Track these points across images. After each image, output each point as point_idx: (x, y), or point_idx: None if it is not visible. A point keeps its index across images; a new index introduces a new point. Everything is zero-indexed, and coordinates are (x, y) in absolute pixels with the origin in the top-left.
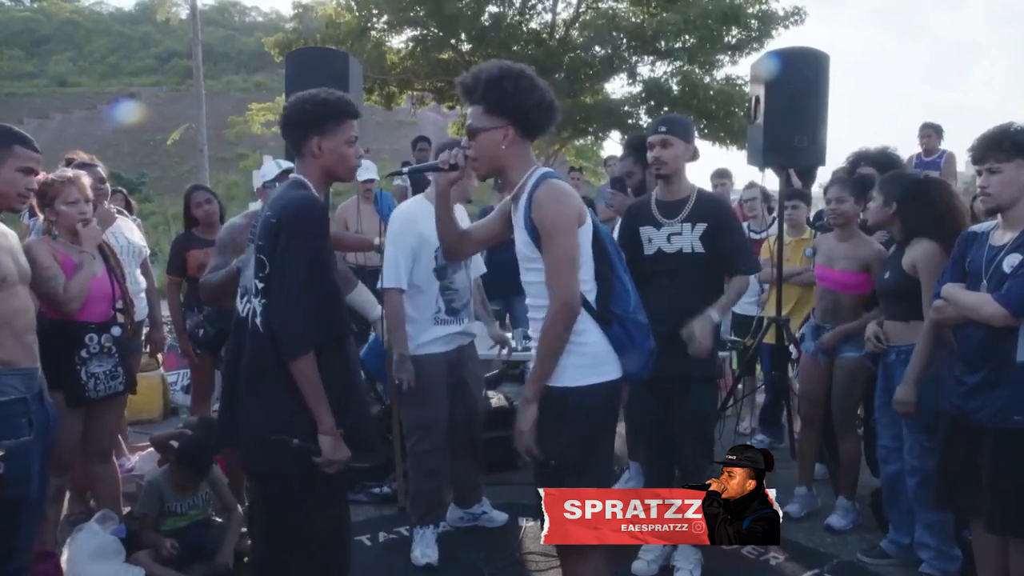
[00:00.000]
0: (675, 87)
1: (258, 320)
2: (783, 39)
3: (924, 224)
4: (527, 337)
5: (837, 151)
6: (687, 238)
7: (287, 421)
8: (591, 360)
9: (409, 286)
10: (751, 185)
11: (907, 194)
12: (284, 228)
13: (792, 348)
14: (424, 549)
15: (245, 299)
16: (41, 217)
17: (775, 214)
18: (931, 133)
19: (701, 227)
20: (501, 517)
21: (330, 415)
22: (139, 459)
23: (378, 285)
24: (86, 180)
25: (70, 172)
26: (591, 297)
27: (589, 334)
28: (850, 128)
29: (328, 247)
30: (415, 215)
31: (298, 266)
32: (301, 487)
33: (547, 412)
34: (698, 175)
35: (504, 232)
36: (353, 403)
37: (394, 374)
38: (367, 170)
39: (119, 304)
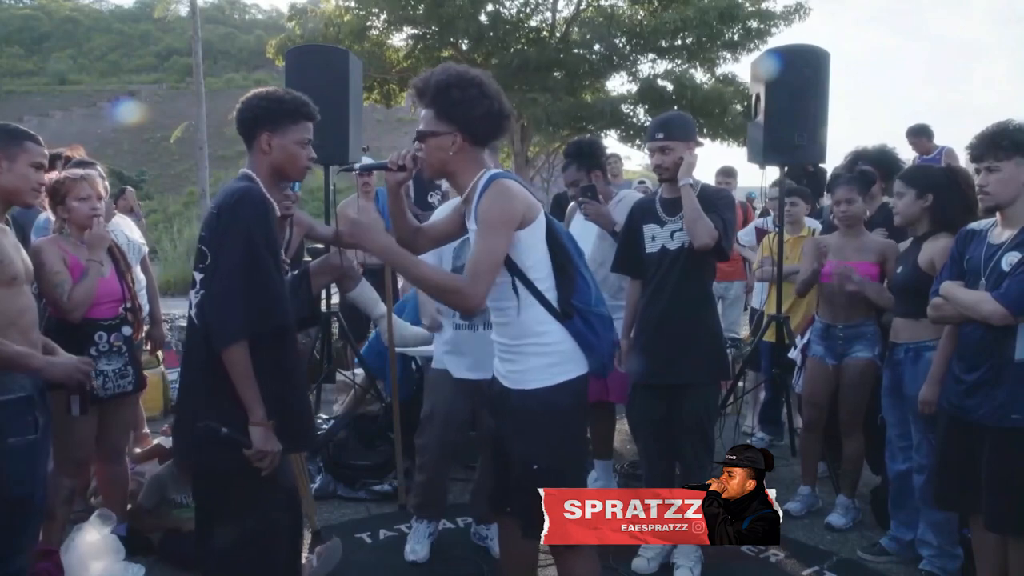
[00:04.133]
0: (669, 86)
1: (193, 312)
2: (785, 36)
3: (955, 215)
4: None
5: (838, 150)
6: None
7: (219, 412)
8: (555, 359)
9: None
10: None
11: (941, 185)
12: (222, 218)
13: (797, 353)
14: (414, 545)
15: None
16: (43, 216)
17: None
18: (917, 140)
19: None
20: None
21: (261, 406)
22: None
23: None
24: (96, 177)
25: (80, 171)
26: (551, 296)
27: (551, 334)
28: (851, 127)
29: (269, 239)
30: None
31: (232, 255)
32: (232, 482)
33: (518, 417)
34: (702, 174)
35: (457, 232)
36: (290, 399)
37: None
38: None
39: (128, 304)
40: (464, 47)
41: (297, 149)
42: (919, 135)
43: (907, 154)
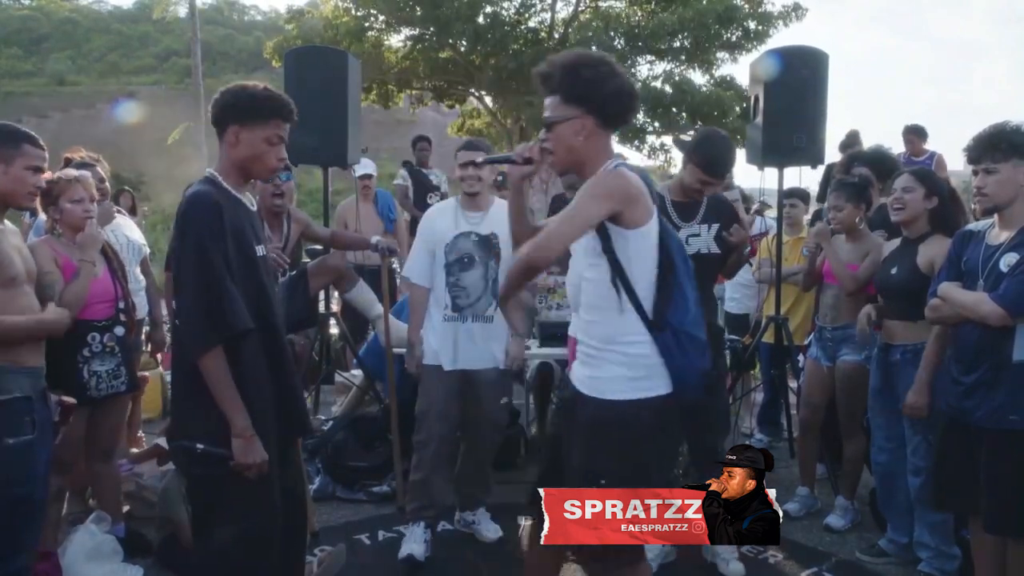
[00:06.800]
0: (668, 89)
1: (177, 320)
2: (784, 37)
3: (953, 223)
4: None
5: (837, 150)
6: (704, 239)
7: (203, 421)
8: (640, 372)
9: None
10: (728, 187)
11: (944, 193)
12: (178, 224)
13: (800, 356)
14: (410, 544)
15: None
16: (42, 216)
17: (756, 214)
18: (913, 139)
19: (715, 227)
20: (492, 532)
21: (242, 416)
22: None
23: (399, 279)
24: (90, 179)
25: (74, 172)
26: (648, 305)
27: (639, 345)
28: (851, 127)
29: (228, 240)
30: (433, 213)
31: (188, 262)
32: (223, 487)
33: (590, 427)
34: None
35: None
36: (263, 402)
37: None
38: (364, 166)
39: (121, 304)
40: (462, 48)
41: (264, 147)
42: (917, 135)
43: (899, 152)
